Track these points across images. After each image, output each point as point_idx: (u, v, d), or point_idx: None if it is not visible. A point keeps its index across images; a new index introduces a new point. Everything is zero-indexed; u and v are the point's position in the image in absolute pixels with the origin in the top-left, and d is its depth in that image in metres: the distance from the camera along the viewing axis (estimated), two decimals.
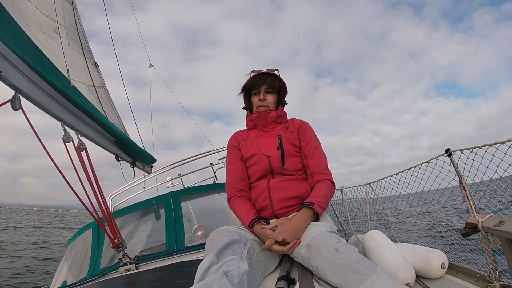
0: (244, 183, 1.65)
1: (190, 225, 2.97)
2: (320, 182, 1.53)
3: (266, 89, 1.70)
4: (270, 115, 1.69)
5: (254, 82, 1.71)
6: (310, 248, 1.23)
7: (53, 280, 2.79)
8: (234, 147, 1.75)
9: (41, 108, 1.77)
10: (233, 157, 1.72)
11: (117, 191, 4.67)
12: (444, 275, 1.31)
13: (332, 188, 1.56)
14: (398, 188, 2.35)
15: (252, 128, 1.76)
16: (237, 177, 1.65)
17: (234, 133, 1.84)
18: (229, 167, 1.72)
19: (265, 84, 1.70)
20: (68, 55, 2.68)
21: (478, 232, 1.24)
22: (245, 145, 1.71)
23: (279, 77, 1.74)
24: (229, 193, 1.65)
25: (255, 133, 1.73)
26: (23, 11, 2.06)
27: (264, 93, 1.70)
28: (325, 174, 1.56)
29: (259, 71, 1.75)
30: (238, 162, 1.70)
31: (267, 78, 1.70)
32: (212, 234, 1.29)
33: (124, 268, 2.10)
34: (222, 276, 0.98)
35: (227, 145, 1.81)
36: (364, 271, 1.01)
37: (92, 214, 2.08)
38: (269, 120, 1.70)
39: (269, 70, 1.75)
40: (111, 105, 3.59)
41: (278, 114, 1.71)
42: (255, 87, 1.72)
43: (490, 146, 1.30)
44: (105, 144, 2.56)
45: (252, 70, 1.78)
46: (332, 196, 1.60)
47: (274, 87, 1.71)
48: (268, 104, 1.71)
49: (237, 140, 1.77)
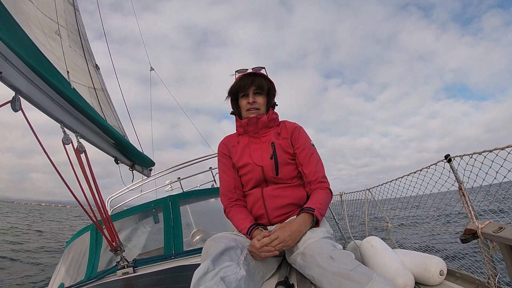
0: (238, 192, 1.61)
1: (189, 229, 2.95)
2: (319, 190, 1.50)
3: (254, 90, 1.59)
4: (261, 120, 1.60)
5: (241, 84, 1.59)
6: (305, 256, 1.22)
7: (50, 283, 2.77)
8: (224, 154, 1.68)
9: (41, 110, 1.77)
10: (224, 166, 1.66)
11: (116, 194, 4.66)
12: (443, 281, 1.30)
13: (330, 196, 1.53)
14: (398, 194, 2.34)
15: (243, 134, 1.67)
16: (230, 187, 1.61)
17: (223, 139, 1.74)
18: (222, 177, 1.67)
19: (253, 85, 1.58)
20: (69, 57, 2.69)
21: (477, 238, 1.24)
22: (236, 152, 1.64)
23: (267, 77, 1.63)
24: (224, 203, 1.62)
25: (246, 140, 1.64)
26: (25, 11, 2.07)
27: (253, 95, 1.59)
28: (323, 183, 1.52)
29: (244, 71, 1.64)
30: (229, 171, 1.64)
31: (255, 78, 1.59)
32: (208, 241, 1.28)
33: (122, 271, 2.09)
34: (220, 281, 0.97)
35: (217, 151, 1.73)
36: (360, 279, 0.99)
37: (90, 216, 2.07)
38: (260, 126, 1.61)
39: (255, 69, 1.64)
40: (110, 108, 3.59)
41: (269, 118, 1.62)
42: (243, 89, 1.60)
43: (489, 152, 1.30)
44: (104, 147, 2.56)
45: (236, 70, 1.67)
46: (329, 204, 1.57)
47: (263, 88, 1.60)
48: (258, 107, 1.61)
49: (226, 146, 1.69)
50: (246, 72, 1.63)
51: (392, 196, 2.48)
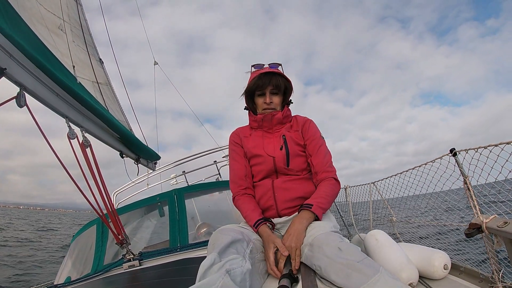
0: (249, 180, 1.62)
1: (194, 223, 2.98)
2: (323, 181, 1.51)
3: (271, 90, 1.60)
4: (276, 117, 1.61)
5: (259, 83, 1.59)
6: (313, 247, 1.23)
7: (57, 276, 2.81)
8: (236, 143, 1.70)
9: (46, 105, 1.78)
10: (236, 154, 1.68)
11: (121, 188, 4.70)
12: (447, 275, 1.30)
13: (336, 185, 1.52)
14: (402, 188, 2.33)
15: (257, 128, 1.68)
16: (241, 175, 1.62)
17: (235, 129, 1.77)
18: (233, 164, 1.68)
19: (270, 85, 1.58)
20: (73, 52, 2.69)
21: (482, 232, 1.23)
22: (248, 142, 1.66)
23: (284, 75, 1.62)
24: (233, 191, 1.63)
25: (260, 133, 1.66)
26: (28, 8, 2.07)
27: (270, 95, 1.60)
28: (329, 172, 1.53)
29: (261, 66, 1.64)
30: (241, 159, 1.66)
31: (272, 78, 1.58)
32: (214, 233, 1.29)
33: (128, 264, 2.11)
34: (225, 274, 0.98)
35: (229, 141, 1.75)
36: (367, 271, 1.00)
37: (96, 210, 2.09)
38: (275, 122, 1.63)
39: (272, 65, 1.62)
40: (115, 102, 3.60)
41: (284, 115, 1.63)
42: (260, 88, 1.60)
43: (495, 147, 1.28)
44: (110, 141, 2.58)
45: (253, 65, 1.67)
46: (338, 194, 1.58)
47: (280, 88, 1.60)
48: (274, 106, 1.62)
49: (238, 136, 1.71)
50: (262, 68, 1.62)
51: (396, 194, 2.48)
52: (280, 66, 1.64)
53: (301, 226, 1.34)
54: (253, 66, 1.66)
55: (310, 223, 1.37)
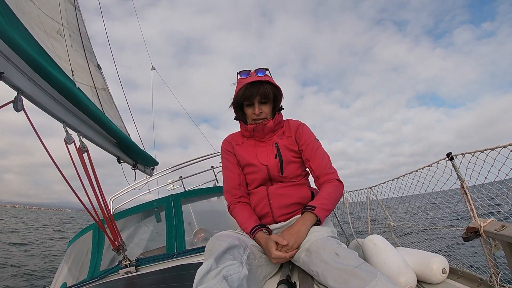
0: (243, 189, 1.61)
1: (191, 228, 2.96)
2: (326, 184, 1.49)
3: (260, 100, 1.53)
4: (268, 126, 1.57)
5: (247, 94, 1.51)
6: (310, 253, 1.23)
7: (53, 282, 2.78)
8: (229, 152, 1.67)
9: (43, 110, 1.77)
10: (229, 163, 1.66)
11: (118, 193, 4.67)
12: (445, 279, 1.30)
13: (339, 186, 1.50)
14: (400, 192, 2.34)
15: (249, 137, 1.65)
16: (235, 184, 1.61)
17: (227, 137, 1.74)
18: (226, 173, 1.66)
19: (258, 95, 1.51)
20: (72, 57, 2.69)
21: (479, 236, 1.24)
22: (241, 151, 1.63)
23: (273, 82, 1.55)
24: (228, 200, 1.62)
25: (253, 142, 1.64)
26: (27, 12, 2.07)
27: (259, 105, 1.54)
28: (330, 174, 1.51)
29: (247, 73, 1.57)
30: (234, 168, 1.64)
31: (260, 87, 1.50)
32: (211, 239, 1.28)
33: (124, 270, 2.10)
34: (222, 280, 0.98)
35: (221, 149, 1.72)
36: (365, 276, 1.00)
37: (92, 216, 2.08)
38: (267, 131, 1.59)
39: (259, 71, 1.56)
40: (113, 107, 3.60)
41: (275, 122, 1.59)
42: (248, 99, 1.54)
43: (491, 150, 1.29)
44: (107, 146, 2.57)
45: (238, 72, 1.60)
46: (342, 194, 1.56)
47: (268, 96, 1.53)
48: (264, 116, 1.57)
49: (230, 144, 1.68)
50: (249, 75, 1.57)
51: (394, 195, 2.48)
52: (267, 71, 1.58)
53: (304, 227, 1.34)
54: (239, 74, 1.60)
55: (313, 225, 1.37)
